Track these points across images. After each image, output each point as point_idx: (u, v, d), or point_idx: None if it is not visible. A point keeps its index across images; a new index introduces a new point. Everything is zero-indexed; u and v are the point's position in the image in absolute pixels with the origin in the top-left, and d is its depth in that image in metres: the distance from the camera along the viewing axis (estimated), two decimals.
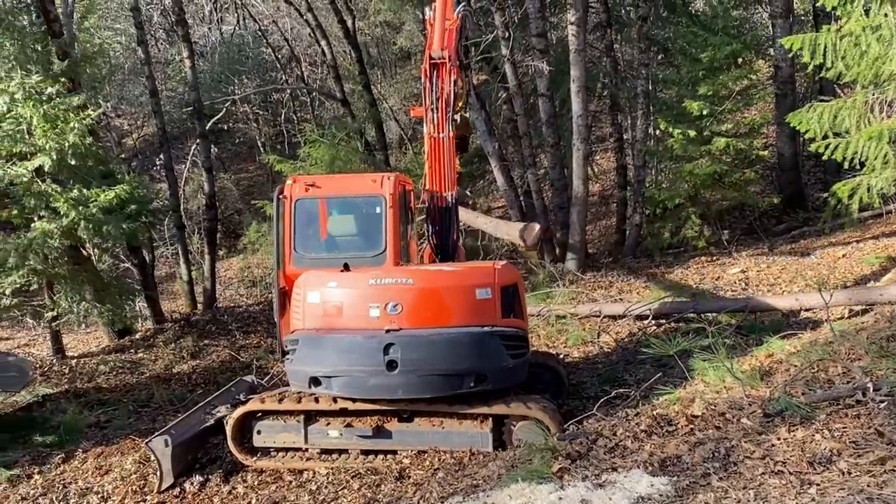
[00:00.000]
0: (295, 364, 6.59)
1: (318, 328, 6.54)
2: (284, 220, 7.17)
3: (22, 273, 11.39)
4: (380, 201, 7.16)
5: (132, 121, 29.19)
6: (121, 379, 11.34)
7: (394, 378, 6.20)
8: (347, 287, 6.64)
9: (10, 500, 7.13)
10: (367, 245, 7.38)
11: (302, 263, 7.10)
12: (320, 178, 7.95)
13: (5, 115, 11.08)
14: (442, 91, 7.49)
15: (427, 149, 7.56)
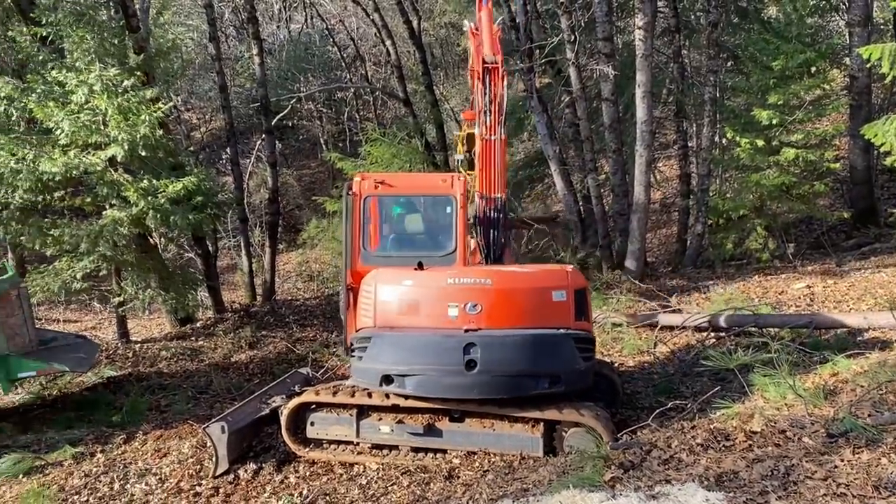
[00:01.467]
0: (366, 361, 6.48)
1: (391, 326, 6.47)
2: (353, 218, 7.11)
3: (92, 259, 11.86)
4: (451, 201, 7.18)
5: (201, 115, 30.03)
6: (181, 365, 11.68)
7: (471, 378, 6.15)
8: (425, 285, 6.57)
9: (73, 477, 7.40)
10: (436, 244, 7.40)
11: (370, 261, 7.05)
12: (389, 175, 7.88)
13: (83, 105, 11.53)
14: (495, 95, 7.49)
15: (479, 151, 7.51)
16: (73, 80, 11.49)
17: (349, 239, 7.13)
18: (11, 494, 7.13)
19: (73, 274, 11.83)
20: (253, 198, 22.57)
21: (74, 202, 12.38)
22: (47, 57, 12.19)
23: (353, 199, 7.11)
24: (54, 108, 11.44)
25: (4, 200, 11.83)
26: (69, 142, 11.50)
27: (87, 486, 7.12)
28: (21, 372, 8.80)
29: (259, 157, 23.37)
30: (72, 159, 11.33)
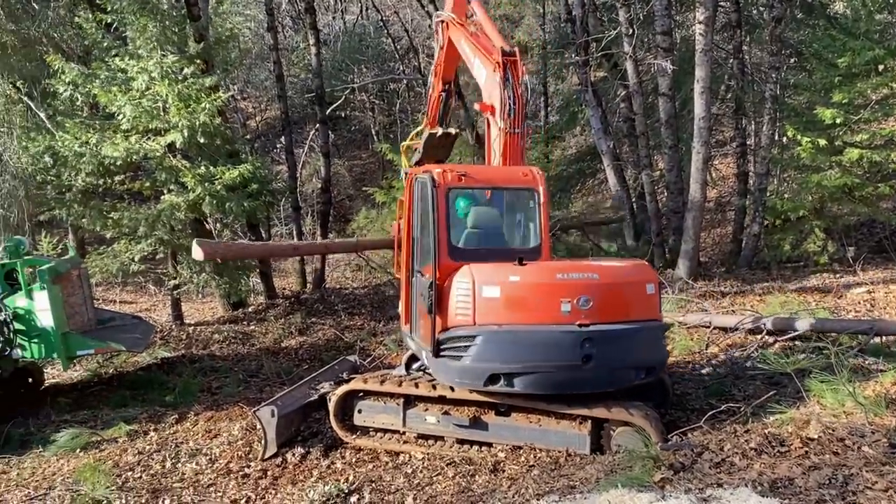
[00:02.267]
0: (469, 361, 6.23)
1: (495, 323, 6.25)
2: (439, 211, 6.68)
3: (150, 242, 12.19)
4: (534, 194, 7.03)
5: (256, 104, 30.49)
6: (233, 348, 11.91)
7: (585, 373, 6.13)
8: (535, 281, 6.36)
9: (127, 453, 7.62)
10: (520, 238, 7.30)
11: (458, 256, 6.70)
12: (470, 167, 7.56)
13: (144, 92, 11.81)
14: (517, 87, 7.38)
15: (502, 145, 7.36)
16: (134, 66, 11.77)
17: (435, 233, 6.67)
18: (69, 467, 7.37)
19: (131, 256, 12.17)
20: (305, 187, 22.85)
21: (134, 186, 12.71)
22: (111, 44, 12.51)
23: (436, 191, 6.68)
24: (117, 93, 11.76)
25: (68, 183, 12.22)
26: (130, 127, 11.81)
27: (140, 464, 7.32)
28: (80, 350, 9.07)
29: (312, 147, 23.67)
30: (133, 144, 11.63)
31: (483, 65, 7.77)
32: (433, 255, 6.59)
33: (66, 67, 12.06)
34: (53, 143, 11.94)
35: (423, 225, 7.10)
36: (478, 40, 8.04)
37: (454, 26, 8.57)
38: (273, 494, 6.39)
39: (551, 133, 21.62)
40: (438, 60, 9.10)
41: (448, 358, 6.42)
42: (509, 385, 6.19)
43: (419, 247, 7.21)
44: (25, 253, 9.62)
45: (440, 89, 9.14)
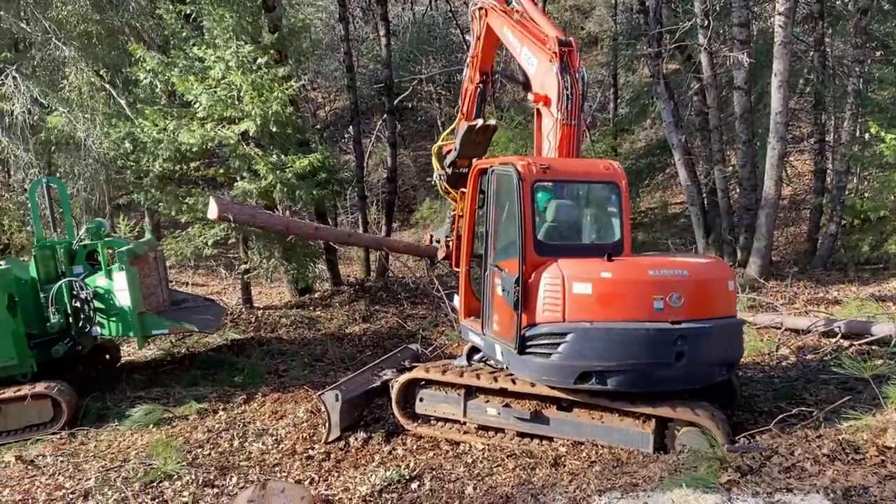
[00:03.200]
0: (562, 358, 6.17)
1: (586, 320, 6.17)
2: (524, 205, 6.49)
3: (222, 227, 12.52)
4: (615, 188, 6.93)
5: (326, 94, 30.94)
6: (299, 333, 12.17)
7: (677, 370, 6.10)
8: (628, 277, 6.30)
9: (197, 431, 7.89)
10: (602, 232, 7.22)
11: (544, 251, 6.57)
12: (551, 160, 7.27)
13: (220, 81, 12.13)
14: (574, 77, 7.24)
15: (558, 136, 7.20)
16: (211, 56, 12.10)
17: (521, 228, 6.49)
18: (142, 442, 7.69)
19: (204, 240, 12.55)
20: (371, 177, 23.12)
21: (208, 173, 13.08)
22: (190, 34, 12.88)
23: (522, 184, 6.47)
24: (194, 82, 12.11)
25: (146, 168, 12.67)
26: (206, 115, 12.15)
27: (209, 441, 7.57)
28: (154, 329, 9.39)
29: (379, 137, 23.91)
30: (208, 132, 11.97)
31: (535, 54, 7.61)
32: (520, 251, 6.45)
33: (147, 56, 12.48)
34: (133, 129, 12.40)
35: (505, 219, 7.01)
36: (525, 28, 7.86)
37: (496, 14, 8.37)
38: (336, 477, 6.52)
39: (620, 126, 21.27)
40: (475, 51, 8.94)
41: (535, 355, 6.33)
42: (601, 383, 6.13)
43: (494, 241, 7.08)
44: (105, 235, 10.02)
45: (478, 81, 9.00)
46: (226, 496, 6.22)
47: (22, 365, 8.44)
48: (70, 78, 14.97)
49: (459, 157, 8.74)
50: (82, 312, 9.01)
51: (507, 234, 6.94)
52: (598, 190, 7.28)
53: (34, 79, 15.03)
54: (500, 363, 6.96)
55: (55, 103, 14.24)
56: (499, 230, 7.12)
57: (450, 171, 8.99)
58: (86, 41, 15.97)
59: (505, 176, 6.91)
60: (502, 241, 7.09)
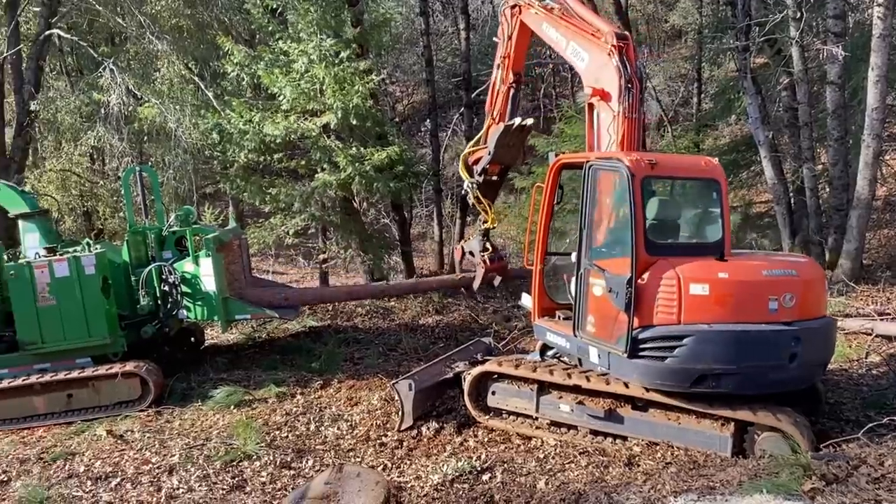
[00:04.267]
0: (679, 362, 6.03)
1: (702, 322, 6.03)
2: (635, 202, 6.26)
3: (303, 217, 12.89)
4: (717, 186, 6.76)
5: (404, 88, 31.24)
6: (374, 322, 12.38)
7: (789, 371, 6.04)
8: (744, 278, 6.17)
9: (276, 413, 8.14)
10: (704, 231, 7.06)
11: (654, 251, 6.37)
12: (656, 155, 7.14)
13: (303, 74, 12.42)
14: (633, 71, 7.07)
15: (620, 130, 7.00)
16: (295, 49, 12.40)
17: (631, 226, 6.27)
18: (224, 422, 7.98)
19: (286, 230, 12.93)
20: (446, 170, 23.20)
21: (290, 164, 13.43)
22: (275, 28, 13.23)
23: (633, 180, 6.25)
24: (279, 75, 12.43)
25: (232, 158, 13.11)
26: (290, 107, 12.47)
27: (287, 424, 7.80)
28: (237, 314, 9.71)
29: (455, 131, 23.97)
30: (291, 124, 12.28)
31: (586, 48, 7.45)
32: (632, 250, 6.26)
33: (235, 50, 12.90)
34: (221, 121, 12.85)
35: (605, 216, 6.91)
36: (571, 23, 7.68)
37: (534, 11, 8.18)
38: (408, 465, 6.62)
39: (703, 121, 20.70)
40: (506, 51, 8.75)
41: (649, 358, 6.19)
42: (716, 386, 6.03)
43: (591, 239, 6.90)
44: (193, 222, 10.43)
45: (510, 81, 8.79)
46: (302, 478, 6.41)
47: (114, 344, 8.89)
48: (162, 71, 15.64)
49: (492, 161, 8.60)
50: (170, 296, 9.42)
51: (609, 231, 6.84)
52: (699, 187, 7.14)
53: (129, 71, 15.75)
54: (596, 366, 6.78)
55: (148, 95, 14.87)
56: (597, 228, 6.96)
57: (481, 180, 8.86)
58: (177, 35, 16.64)
59: (609, 171, 6.73)
60: (602, 239, 6.96)
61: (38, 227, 9.47)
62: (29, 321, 8.60)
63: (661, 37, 26.56)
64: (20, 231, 9.60)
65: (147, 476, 6.62)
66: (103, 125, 15.22)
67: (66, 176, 17.96)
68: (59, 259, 8.61)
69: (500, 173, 8.96)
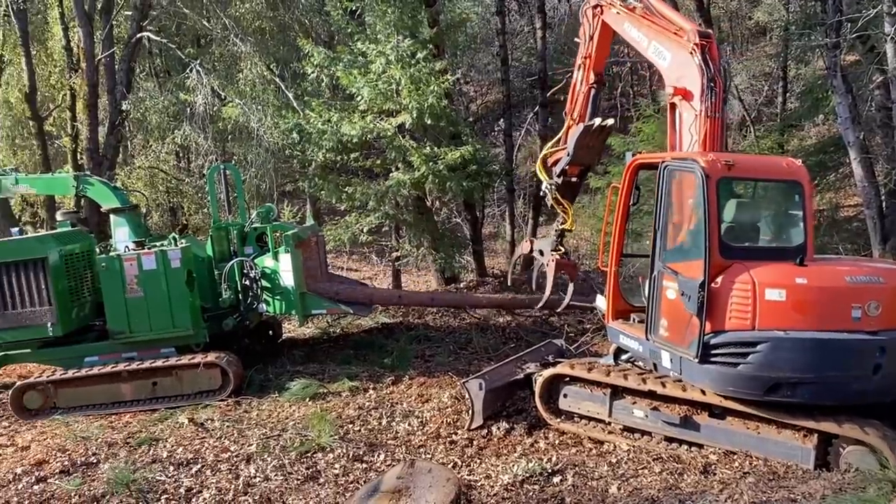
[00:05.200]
0: (753, 369, 5.91)
1: (778, 329, 5.89)
2: (709, 204, 6.17)
3: (377, 215, 13.08)
4: (799, 188, 6.56)
5: (478, 88, 31.29)
6: (445, 321, 12.45)
7: (873, 383, 5.83)
8: (825, 284, 5.97)
9: (349, 407, 8.29)
10: (785, 235, 6.89)
11: (729, 254, 6.24)
12: (733, 156, 6.99)
13: (381, 74, 12.60)
14: (716, 69, 6.89)
15: (701, 130, 6.84)
16: (373, 50, 12.59)
17: (705, 228, 6.18)
18: (299, 414, 8.18)
19: (360, 228, 13.16)
20: (519, 170, 23.12)
21: (366, 163, 13.65)
22: (354, 29, 13.47)
23: (708, 181, 6.16)
24: (357, 76, 12.66)
25: (310, 158, 13.42)
26: (367, 108, 12.68)
27: (359, 418, 7.94)
28: (314, 309, 9.94)
29: (529, 130, 23.87)
30: (368, 124, 12.48)
31: (667, 47, 7.31)
32: (705, 253, 6.16)
33: (315, 51, 13.20)
34: (300, 121, 13.17)
35: (680, 218, 6.79)
36: (653, 22, 7.54)
37: (615, 11, 8.07)
38: (478, 463, 6.64)
39: (788, 121, 19.97)
40: (587, 52, 8.61)
41: (721, 364, 6.08)
42: (792, 395, 5.86)
43: (664, 241, 6.82)
44: (274, 219, 10.74)
45: (591, 82, 8.64)
46: (374, 472, 6.51)
47: (197, 335, 9.24)
48: (245, 72, 16.15)
49: (572, 162, 8.50)
50: (251, 290, 9.73)
51: (683, 234, 6.72)
52: (781, 189, 6.92)
53: (214, 72, 16.33)
54: (668, 370, 6.69)
55: (231, 95, 15.40)
56: (671, 230, 6.86)
57: (559, 181, 8.78)
58: (259, 37, 17.17)
59: (684, 172, 6.62)
60: (676, 241, 6.85)
61: (127, 221, 9.94)
62: (118, 311, 9.04)
63: (744, 34, 25.73)
64: (111, 225, 10.09)
65: (226, 463, 6.84)
66: (189, 124, 15.84)
67: (153, 173, 18.78)
68: (147, 252, 9.01)
69: (579, 174, 8.88)
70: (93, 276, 9.64)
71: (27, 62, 17.82)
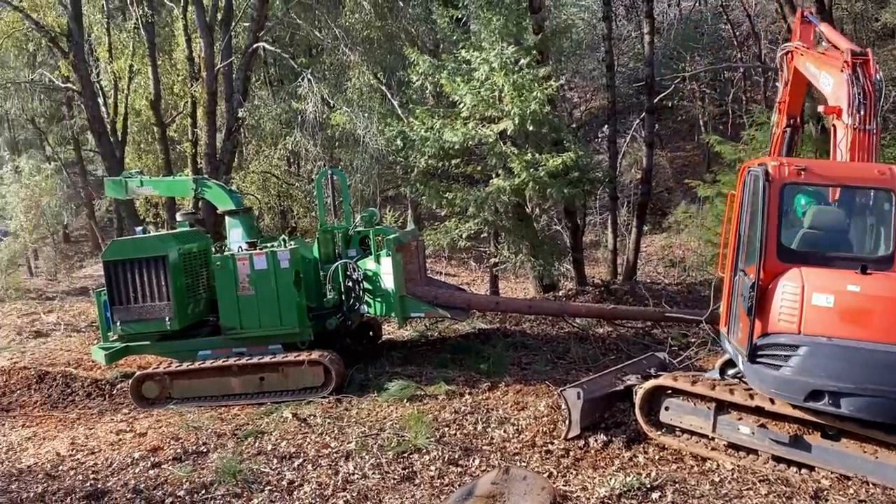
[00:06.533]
0: (792, 372, 5.82)
1: (824, 335, 5.77)
2: (769, 207, 6.16)
3: (477, 221, 13.17)
4: (890, 196, 6.23)
5: (582, 94, 30.94)
6: (542, 329, 12.36)
7: None
8: (879, 294, 5.75)
9: (445, 411, 8.34)
10: (868, 244, 6.58)
11: (788, 257, 6.19)
12: (813, 162, 6.94)
13: (483, 82, 12.70)
14: (868, 84, 6.73)
15: (849, 143, 6.69)
16: (477, 58, 12.70)
17: (763, 231, 6.17)
18: (397, 414, 8.31)
19: (459, 233, 13.28)
20: (623, 177, 22.68)
21: (467, 169, 13.78)
22: (459, 37, 13.64)
23: (769, 185, 6.14)
24: (460, 83, 12.80)
25: (413, 164, 13.67)
26: (469, 115, 12.80)
27: (455, 422, 7.97)
28: (413, 312, 10.09)
29: (634, 137, 23.38)
30: (470, 130, 12.60)
31: (829, 73, 7.26)
32: (758, 255, 6.18)
33: (420, 59, 13.45)
34: (404, 128, 13.45)
35: (752, 221, 6.64)
36: (825, 55, 7.58)
37: (798, 53, 8.19)
38: (574, 475, 6.54)
39: None
40: (782, 97, 8.75)
41: (765, 365, 6.05)
42: (834, 405, 5.62)
43: (745, 245, 6.82)
44: (377, 223, 10.99)
45: (784, 125, 8.76)
46: (468, 476, 6.53)
47: (302, 333, 9.57)
48: (353, 80, 16.66)
49: None
50: (353, 291, 9.99)
51: (754, 238, 6.57)
52: (871, 196, 6.55)
53: (324, 81, 16.92)
54: (741, 373, 6.65)
55: (340, 103, 15.89)
56: (747, 234, 6.82)
57: None
58: (367, 46, 17.64)
59: (755, 176, 6.55)
60: (751, 244, 6.73)
61: (241, 223, 10.42)
62: (230, 308, 9.48)
63: (870, 37, 24.23)
64: (226, 226, 10.61)
65: (326, 459, 7.04)
66: (300, 131, 16.48)
67: (266, 177, 19.65)
68: (259, 253, 9.41)
69: None
70: (208, 275, 10.16)
71: (153, 72, 19.04)
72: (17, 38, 20.28)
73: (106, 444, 7.90)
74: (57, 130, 29.79)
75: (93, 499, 6.37)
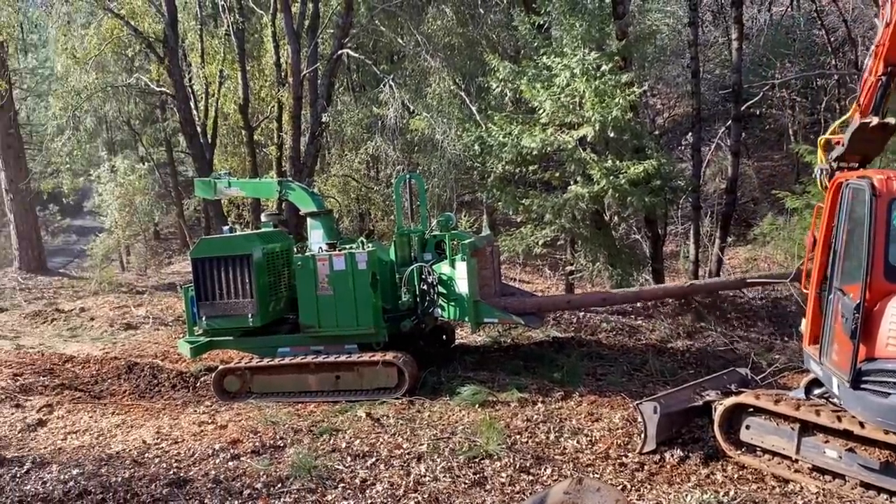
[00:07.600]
0: None
1: None
2: (876, 224, 5.91)
3: (553, 228, 13.07)
4: None
5: (665, 100, 30.29)
6: (619, 340, 12.15)
7: None
8: None
9: (517, 418, 8.30)
10: None
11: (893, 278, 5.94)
12: None
13: (564, 88, 12.59)
14: None
15: None
16: (558, 64, 12.61)
17: (869, 249, 5.93)
18: (468, 419, 8.32)
19: (535, 240, 13.20)
20: (707, 186, 22.04)
21: (544, 176, 13.69)
22: (540, 43, 13.57)
23: (876, 200, 5.90)
24: (540, 89, 12.74)
25: (490, 169, 13.68)
26: (548, 121, 12.72)
27: (527, 430, 7.92)
28: (486, 317, 10.06)
29: (719, 146, 22.69)
30: (548, 137, 12.53)
31: None
32: (864, 274, 5.87)
33: (500, 66, 13.46)
34: (482, 133, 13.48)
35: (853, 239, 6.33)
36: None
37: None
38: (648, 489, 6.41)
39: None
40: (881, 39, 7.70)
41: (871, 392, 5.72)
42: None
43: (842, 262, 6.48)
44: (452, 228, 11.05)
45: (880, 72, 7.91)
46: (540, 485, 6.49)
47: (377, 334, 9.70)
48: (433, 86, 16.80)
49: (847, 153, 7.93)
50: (428, 295, 10.07)
51: (857, 255, 6.24)
52: None
53: (405, 87, 17.15)
54: (836, 397, 6.30)
55: (420, 109, 16.07)
56: (848, 251, 6.46)
57: (835, 167, 8.16)
58: (448, 53, 17.80)
59: (857, 190, 6.26)
60: (850, 262, 6.41)
61: (322, 224, 10.66)
62: (309, 307, 9.71)
63: None
64: (307, 227, 10.87)
65: (398, 460, 7.11)
66: (380, 136, 16.74)
67: (346, 181, 20.04)
68: (338, 254, 9.60)
69: (859, 162, 8.30)
70: (289, 274, 10.43)
71: (242, 77, 19.70)
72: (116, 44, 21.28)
73: (189, 434, 8.21)
74: (150, 132, 31.19)
75: (175, 486, 6.62)
